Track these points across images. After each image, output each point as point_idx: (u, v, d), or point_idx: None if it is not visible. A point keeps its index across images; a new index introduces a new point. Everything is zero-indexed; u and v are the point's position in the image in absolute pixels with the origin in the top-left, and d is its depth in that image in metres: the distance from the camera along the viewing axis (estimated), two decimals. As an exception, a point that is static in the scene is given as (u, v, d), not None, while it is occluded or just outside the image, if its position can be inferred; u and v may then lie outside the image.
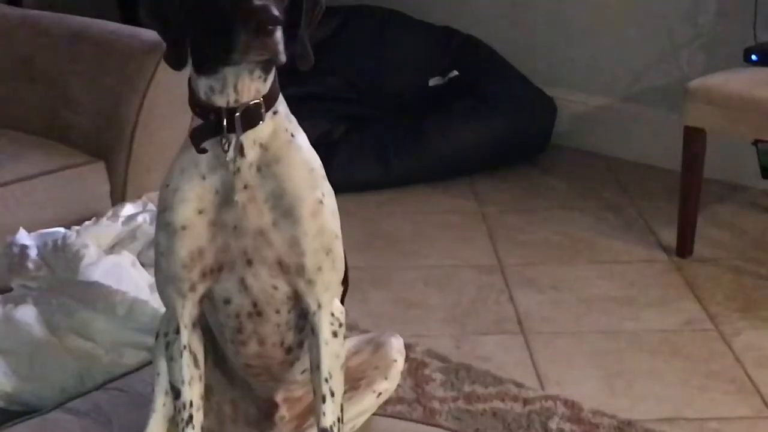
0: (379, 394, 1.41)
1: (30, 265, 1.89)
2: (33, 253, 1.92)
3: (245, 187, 1.15)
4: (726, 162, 2.94)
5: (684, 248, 2.66)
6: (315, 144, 1.21)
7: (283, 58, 1.06)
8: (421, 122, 3.14)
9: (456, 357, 2.23)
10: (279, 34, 1.01)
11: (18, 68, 2.32)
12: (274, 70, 1.14)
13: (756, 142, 2.83)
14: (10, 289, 1.88)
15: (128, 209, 2.10)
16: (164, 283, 1.25)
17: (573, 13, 3.45)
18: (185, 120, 1.62)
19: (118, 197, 2.25)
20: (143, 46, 2.18)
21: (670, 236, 2.73)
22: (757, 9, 2.80)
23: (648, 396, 2.10)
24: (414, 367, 2.11)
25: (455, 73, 3.27)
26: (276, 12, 1.02)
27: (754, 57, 2.59)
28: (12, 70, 2.32)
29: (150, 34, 2.17)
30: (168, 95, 2.16)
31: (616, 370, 2.21)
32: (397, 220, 2.98)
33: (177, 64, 1.11)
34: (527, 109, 3.27)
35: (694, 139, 2.49)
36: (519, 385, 2.09)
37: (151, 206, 2.14)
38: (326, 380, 1.22)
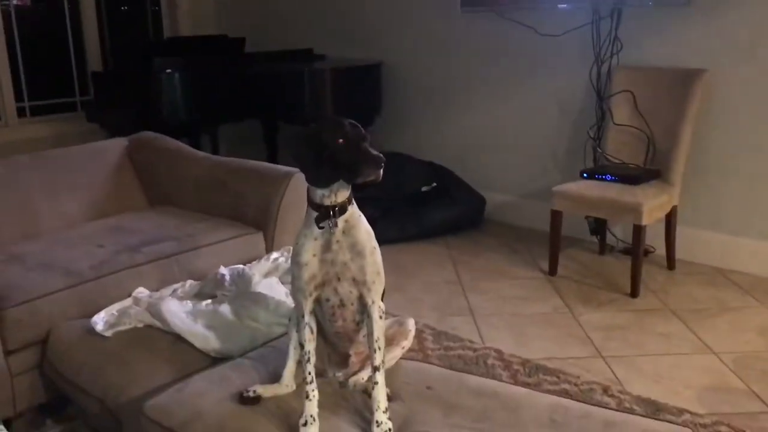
0: (403, 347, 1.86)
1: (226, 284, 2.39)
2: (227, 276, 2.42)
3: (337, 241, 1.58)
4: (572, 226, 3.93)
5: (553, 270, 3.67)
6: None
7: (380, 179, 1.50)
8: (418, 209, 4.30)
9: (439, 327, 3.04)
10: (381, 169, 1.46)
11: (217, 185, 3.05)
12: (351, 185, 1.55)
13: (587, 217, 3.96)
14: (215, 296, 2.36)
15: (274, 255, 2.66)
16: (295, 291, 1.65)
17: (496, 149, 4.57)
18: (301, 212, 2.40)
19: (269, 249, 2.86)
20: (280, 173, 2.90)
21: (545, 265, 3.73)
22: (585, 150, 3.96)
23: (537, 347, 2.88)
24: (418, 333, 2.68)
25: (434, 184, 4.45)
26: (383, 156, 1.47)
27: (585, 175, 3.61)
28: (214, 186, 3.06)
29: (283, 168, 2.93)
30: (292, 199, 2.85)
31: (521, 333, 3.03)
32: (407, 257, 3.99)
33: (321, 184, 1.56)
34: (470, 201, 4.46)
35: (556, 216, 3.55)
36: (471, 342, 2.91)
37: (286, 254, 2.66)
38: (376, 341, 1.63)
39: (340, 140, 1.51)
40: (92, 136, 4.87)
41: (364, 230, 1.62)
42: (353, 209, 1.62)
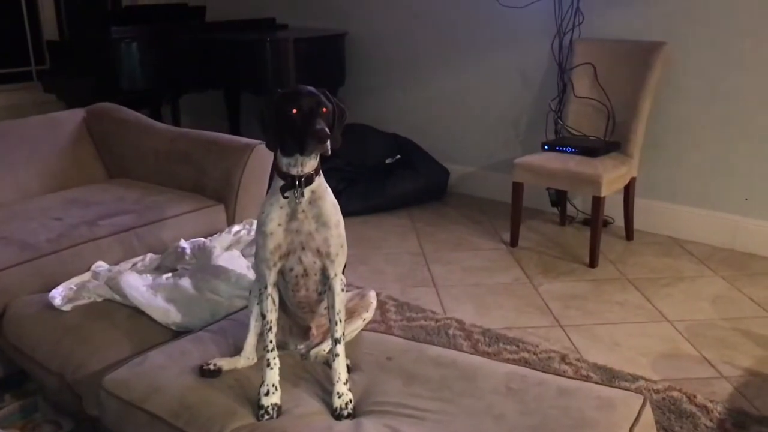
0: (364, 319, 1.90)
1: (186, 257, 2.40)
2: (188, 250, 2.42)
3: (303, 211, 1.61)
4: (533, 198, 3.99)
5: (514, 242, 3.73)
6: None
7: (328, 152, 1.52)
8: (383, 180, 4.32)
9: (401, 298, 3.09)
10: (328, 142, 1.48)
11: (178, 157, 3.03)
12: (319, 155, 1.58)
13: (548, 189, 3.99)
14: (175, 269, 2.36)
15: (235, 228, 2.65)
16: (259, 261, 1.66)
17: (459, 121, 4.59)
18: (263, 184, 2.87)
19: (230, 222, 2.88)
20: (241, 145, 2.91)
21: (506, 236, 3.79)
22: (547, 122, 3.99)
23: (497, 316, 2.94)
24: (380, 304, 2.83)
25: (398, 156, 4.48)
26: (327, 131, 1.47)
27: (546, 147, 3.64)
28: (175, 158, 3.04)
29: (245, 140, 2.93)
30: (254, 171, 2.88)
31: (482, 303, 3.08)
32: (371, 230, 4.02)
33: (272, 149, 1.59)
34: (434, 173, 4.49)
35: (517, 188, 3.58)
36: (433, 312, 2.96)
37: (248, 226, 2.66)
38: (337, 314, 1.67)
39: (294, 110, 1.51)
40: (49, 107, 4.78)
41: (330, 202, 1.65)
42: (320, 180, 1.63)
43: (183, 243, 2.47)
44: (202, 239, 2.51)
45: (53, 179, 3.12)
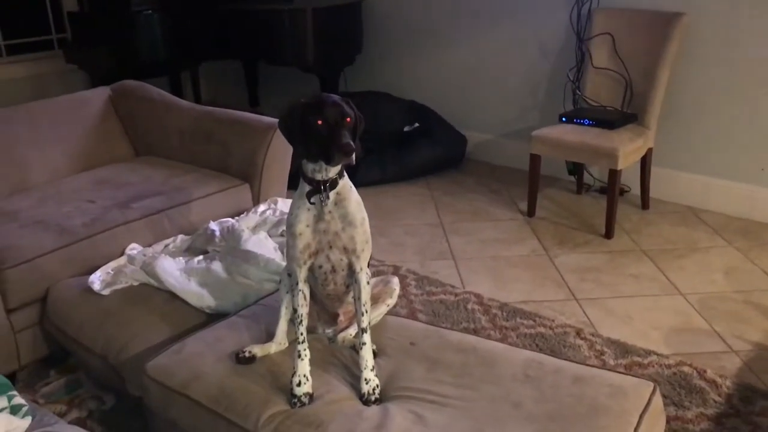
0: (388, 305, 1.99)
1: (216, 239, 2.47)
2: (217, 232, 2.49)
3: (329, 212, 1.68)
4: (551, 166, 4.00)
5: (531, 212, 3.77)
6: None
7: (353, 162, 1.54)
8: (400, 149, 4.34)
9: (421, 272, 3.14)
10: (354, 155, 1.52)
11: (203, 136, 3.08)
12: None
13: (565, 160, 4.04)
14: (206, 252, 2.45)
15: (261, 207, 2.73)
16: (290, 260, 1.74)
17: (477, 89, 4.60)
18: (286, 165, 2.95)
19: (255, 201, 2.94)
20: (264, 125, 2.93)
21: (523, 206, 3.84)
22: (565, 92, 4.02)
23: (514, 289, 3.00)
24: (401, 279, 2.91)
25: (417, 124, 4.50)
26: (353, 145, 1.51)
27: (563, 119, 3.66)
28: (200, 137, 3.09)
29: (268, 120, 2.93)
30: (278, 151, 2.92)
31: (499, 276, 3.13)
32: (389, 200, 4.06)
33: (299, 158, 1.66)
34: (452, 141, 4.51)
35: (535, 159, 3.64)
36: (452, 287, 3.02)
37: (273, 206, 2.73)
38: (363, 305, 1.74)
39: (319, 121, 1.56)
40: (71, 77, 4.89)
41: (355, 201, 1.70)
42: (344, 181, 1.69)
43: (212, 225, 2.54)
44: (230, 220, 2.57)
45: (82, 158, 3.21)
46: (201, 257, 2.42)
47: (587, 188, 4.15)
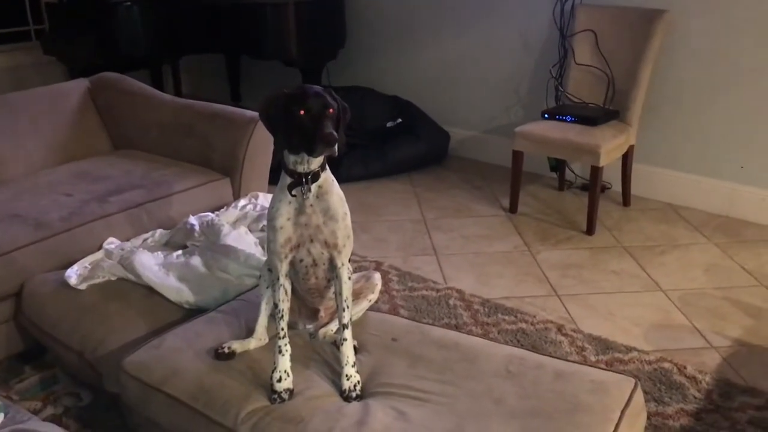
0: (370, 300, 1.99)
1: (195, 234, 2.45)
2: (196, 227, 2.47)
3: (311, 205, 1.66)
4: (533, 163, 4.03)
5: (513, 208, 3.77)
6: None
7: (336, 153, 1.53)
8: (383, 145, 4.32)
9: (403, 268, 3.14)
10: (336, 145, 1.51)
11: (183, 129, 3.04)
12: None
13: (547, 157, 4.03)
14: (185, 246, 2.42)
15: (242, 202, 2.72)
16: (271, 254, 1.72)
17: (460, 85, 4.59)
18: (267, 159, 2.92)
19: (236, 196, 2.92)
20: (246, 119, 2.91)
21: (506, 202, 3.82)
22: (548, 88, 3.97)
23: (496, 285, 2.99)
24: (383, 274, 2.95)
25: (400, 120, 4.49)
26: (336, 135, 1.50)
27: (545, 115, 3.66)
28: (180, 131, 3.05)
29: (250, 113, 2.91)
30: (259, 144, 2.90)
31: (481, 272, 3.12)
32: (372, 195, 4.04)
33: (280, 149, 1.62)
34: (435, 137, 4.51)
35: (517, 156, 3.64)
36: (434, 282, 3.00)
37: (253, 200, 2.72)
38: (345, 300, 1.74)
39: (301, 111, 1.53)
40: (49, 69, 4.81)
41: (337, 195, 1.69)
42: (326, 175, 1.67)
43: (192, 219, 2.52)
44: (210, 215, 2.54)
45: (59, 151, 3.16)
46: (180, 252, 2.38)
47: (569, 185, 4.17)
